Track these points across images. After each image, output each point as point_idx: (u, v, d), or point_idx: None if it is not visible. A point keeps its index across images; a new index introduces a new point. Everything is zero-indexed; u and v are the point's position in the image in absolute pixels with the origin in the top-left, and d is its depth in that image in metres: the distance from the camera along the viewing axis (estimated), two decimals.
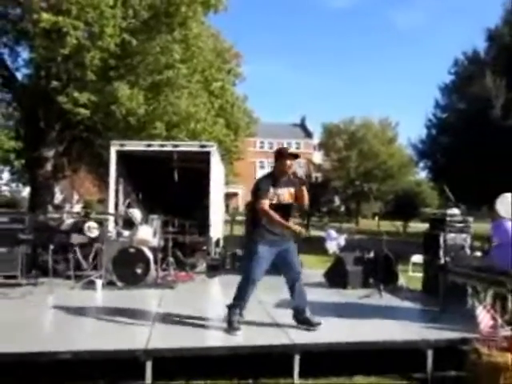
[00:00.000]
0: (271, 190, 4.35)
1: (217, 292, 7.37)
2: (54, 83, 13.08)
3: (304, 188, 4.48)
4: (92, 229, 7.49)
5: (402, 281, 7.03)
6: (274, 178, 4.44)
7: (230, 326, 4.34)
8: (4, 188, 39.91)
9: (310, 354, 3.85)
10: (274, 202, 4.33)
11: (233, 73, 20.86)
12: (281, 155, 4.42)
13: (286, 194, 4.42)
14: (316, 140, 55.43)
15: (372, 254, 7.05)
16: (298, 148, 61.74)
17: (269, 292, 5.83)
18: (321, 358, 3.92)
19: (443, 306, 5.12)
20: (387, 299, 5.93)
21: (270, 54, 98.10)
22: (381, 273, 6.23)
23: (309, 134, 62.63)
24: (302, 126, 65.46)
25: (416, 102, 51.86)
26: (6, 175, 29.24)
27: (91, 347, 3.79)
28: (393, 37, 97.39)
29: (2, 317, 4.68)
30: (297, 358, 3.80)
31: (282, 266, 4.57)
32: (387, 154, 38.77)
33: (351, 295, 6.15)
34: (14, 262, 6.54)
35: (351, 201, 42.12)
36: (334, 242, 8.72)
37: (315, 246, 14.37)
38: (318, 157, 51.21)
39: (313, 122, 59.83)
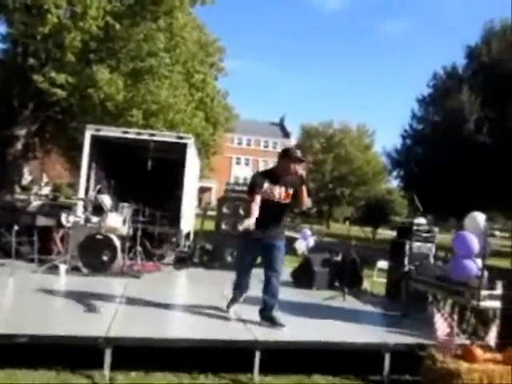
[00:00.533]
0: (266, 185, 4.38)
1: (183, 284, 7.34)
2: (31, 61, 12.79)
3: (304, 188, 4.42)
4: (70, 220, 7.31)
5: (366, 285, 7.17)
6: (274, 175, 4.46)
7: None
8: None
9: (270, 351, 3.89)
10: (266, 197, 4.36)
11: (215, 67, 20.76)
12: (287, 157, 4.40)
13: (282, 193, 4.44)
14: (293, 141, 55.75)
15: (340, 257, 7.14)
16: (274, 147, 62.17)
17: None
18: (281, 356, 3.97)
19: (404, 312, 5.24)
20: (351, 302, 6.02)
21: (257, 52, 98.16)
22: (347, 276, 6.31)
23: (287, 134, 62.92)
24: (281, 125, 65.73)
25: (394, 111, 52.85)
26: None
27: (49, 332, 3.72)
28: (380, 44, 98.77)
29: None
30: (257, 354, 3.83)
31: (263, 261, 4.65)
32: (363, 161, 39.30)
33: (316, 296, 6.22)
34: None
35: (323, 204, 42.55)
36: (305, 242, 8.80)
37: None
38: None
39: (292, 122, 60.15)
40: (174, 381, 3.67)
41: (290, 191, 4.46)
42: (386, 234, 24.48)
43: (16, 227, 6.30)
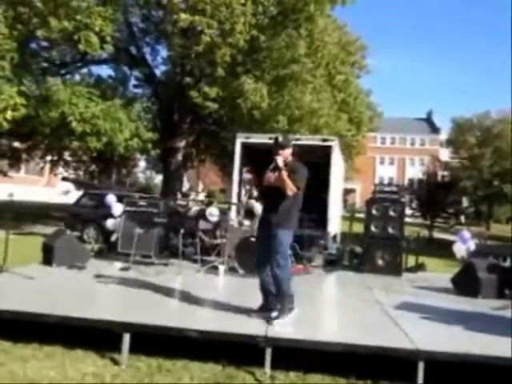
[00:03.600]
0: (268, 173, 4.56)
1: (333, 287, 7.31)
2: (187, 79, 14.05)
3: (283, 173, 4.36)
4: (213, 215, 7.89)
5: None
6: (273, 165, 4.51)
7: None
8: (140, 175, 44.17)
9: (432, 363, 3.64)
10: (264, 183, 4.60)
11: (357, 65, 20.35)
12: (274, 144, 4.59)
13: (272, 179, 4.52)
14: (443, 136, 51.76)
15: (509, 262, 6.39)
16: (422, 144, 58.44)
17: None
18: (444, 367, 3.69)
19: None
20: None
21: (391, 43, 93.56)
22: None
23: (435, 129, 58.75)
24: (429, 120, 61.61)
25: None
26: (142, 163, 32.34)
27: (215, 328, 4.01)
28: None
29: (142, 292, 5.14)
30: (421, 365, 3.61)
31: None
32: None
33: (483, 305, 5.65)
34: (149, 243, 7.20)
35: (482, 203, 38.53)
36: (465, 245, 8.07)
37: (439, 249, 13.52)
38: (444, 154, 47.75)
39: (441, 116, 55.90)
40: None
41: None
42: None
43: (182, 230, 6.98)
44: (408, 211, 23.97)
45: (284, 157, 4.50)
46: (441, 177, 38.04)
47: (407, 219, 12.61)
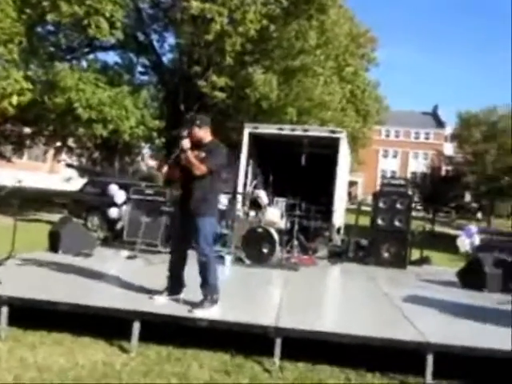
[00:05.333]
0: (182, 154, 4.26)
1: (340, 278, 7.32)
2: (195, 68, 13.95)
3: (189, 153, 4.12)
4: (221, 202, 7.81)
5: None
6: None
7: None
8: (142, 163, 44.08)
9: (442, 355, 3.64)
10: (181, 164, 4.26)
11: (366, 58, 20.19)
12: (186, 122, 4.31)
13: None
14: (448, 130, 51.53)
15: None
16: (426, 138, 58.23)
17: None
18: (454, 359, 3.70)
19: None
20: None
21: (398, 36, 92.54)
22: None
23: (441, 124, 58.49)
24: (434, 114, 61.31)
25: None
26: (146, 151, 32.29)
27: (225, 318, 4.02)
28: None
29: (150, 281, 5.13)
30: (430, 358, 3.61)
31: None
32: None
33: (489, 299, 5.66)
34: (155, 232, 7.20)
35: (485, 198, 38.43)
36: (469, 239, 8.07)
37: (441, 243, 13.51)
38: (449, 148, 47.59)
39: (447, 111, 55.58)
40: (341, 376, 3.67)
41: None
42: None
43: None
44: None
45: (196, 137, 4.27)
46: (444, 171, 37.97)
47: None
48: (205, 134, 4.33)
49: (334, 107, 14.70)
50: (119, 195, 7.92)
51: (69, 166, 21.85)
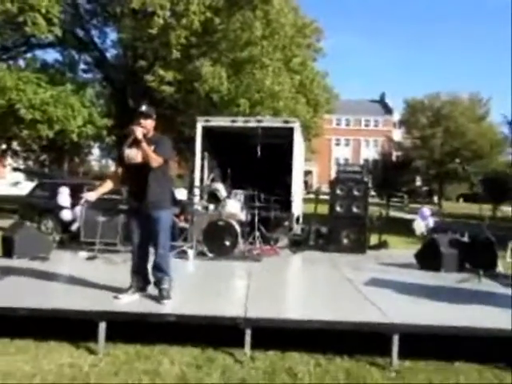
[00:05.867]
0: (126, 151, 4.17)
1: (303, 267, 7.36)
2: (141, 62, 13.62)
3: (144, 144, 4.03)
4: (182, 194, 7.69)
5: (500, 267, 6.59)
6: (131, 138, 4.14)
7: None
8: (94, 163, 42.85)
9: (408, 336, 3.75)
10: (126, 162, 4.18)
11: (313, 48, 20.40)
12: (135, 115, 4.22)
13: (138, 154, 4.11)
14: (396, 117, 53.23)
15: (466, 238, 6.66)
16: (376, 125, 59.93)
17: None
18: (419, 341, 3.81)
19: None
20: (488, 285, 5.56)
21: (351, 25, 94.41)
22: (480, 257, 5.84)
23: (389, 111, 60.32)
24: (382, 102, 63.12)
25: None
26: (96, 151, 31.32)
27: (192, 312, 3.96)
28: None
29: (112, 280, 4.96)
30: (396, 338, 3.70)
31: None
32: (477, 133, 36.11)
33: (446, 278, 5.87)
34: (114, 231, 7.00)
35: (433, 182, 40.08)
36: (424, 222, 8.34)
37: (397, 227, 13.92)
38: (397, 134, 49.23)
39: (394, 98, 57.39)
40: (311, 362, 3.70)
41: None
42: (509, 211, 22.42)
43: None
44: None
45: (146, 128, 4.15)
46: (395, 157, 39.22)
47: None
48: (151, 125, 4.24)
49: (285, 96, 14.76)
50: (63, 198, 7.81)
51: (16, 169, 20.83)
